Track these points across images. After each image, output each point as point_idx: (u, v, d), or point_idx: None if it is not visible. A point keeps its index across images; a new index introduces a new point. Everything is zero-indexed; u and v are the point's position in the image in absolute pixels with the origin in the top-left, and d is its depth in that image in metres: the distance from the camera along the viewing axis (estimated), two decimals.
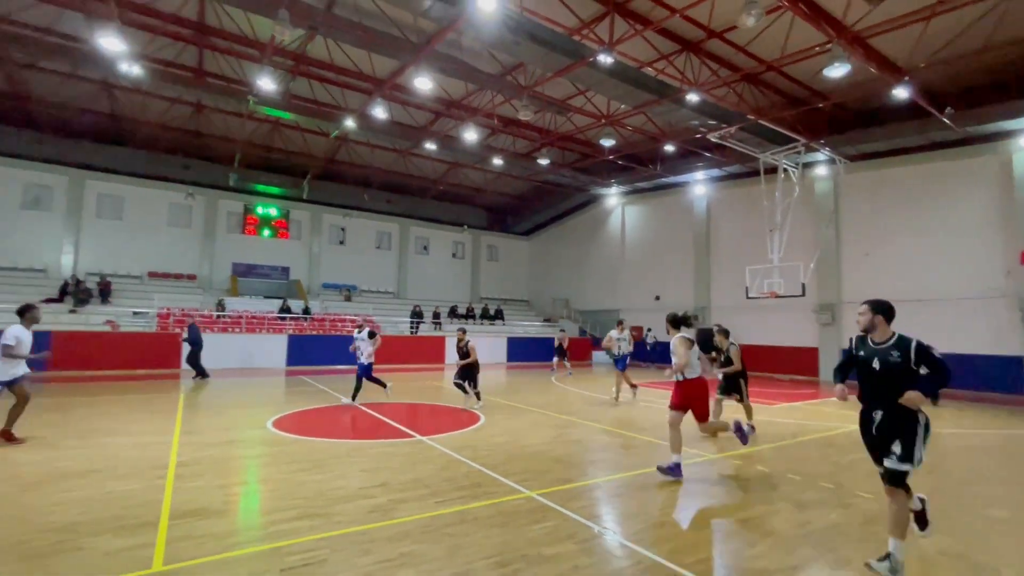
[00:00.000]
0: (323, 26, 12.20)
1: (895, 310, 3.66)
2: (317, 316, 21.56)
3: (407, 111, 18.83)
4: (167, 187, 22.18)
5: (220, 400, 10.91)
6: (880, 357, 3.57)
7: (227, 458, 6.28)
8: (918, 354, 3.45)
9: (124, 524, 4.12)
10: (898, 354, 3.49)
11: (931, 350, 3.44)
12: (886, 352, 3.55)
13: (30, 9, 13.44)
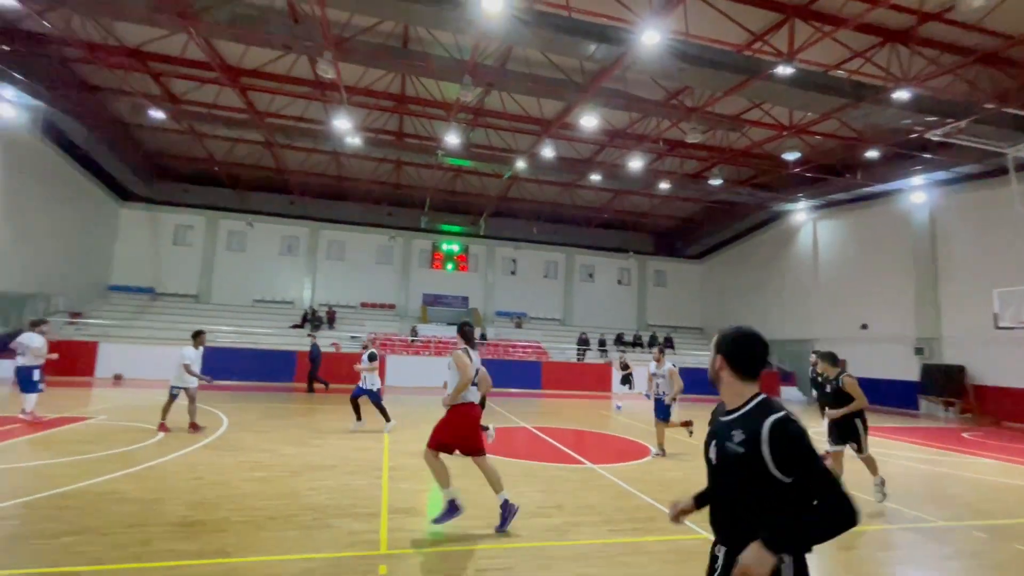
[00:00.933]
0: (498, 82, 13.66)
1: (759, 350, 1.89)
2: (491, 342, 23.34)
3: (572, 146, 19.71)
4: (375, 232, 26.61)
5: (418, 414, 12.53)
6: (719, 440, 1.85)
7: (425, 467, 7.24)
8: (774, 443, 1.66)
9: (358, 512, 5.10)
10: (742, 437, 1.74)
11: (801, 439, 1.64)
12: (726, 432, 1.82)
13: (289, 105, 17.74)
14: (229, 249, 25.06)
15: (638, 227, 30.19)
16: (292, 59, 14.97)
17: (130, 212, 23.76)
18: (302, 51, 12.99)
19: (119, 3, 11.46)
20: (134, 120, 19.03)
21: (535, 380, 20.92)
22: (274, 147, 21.53)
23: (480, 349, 22.19)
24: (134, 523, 4.50)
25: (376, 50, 12.82)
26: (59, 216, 19.44)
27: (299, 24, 12.69)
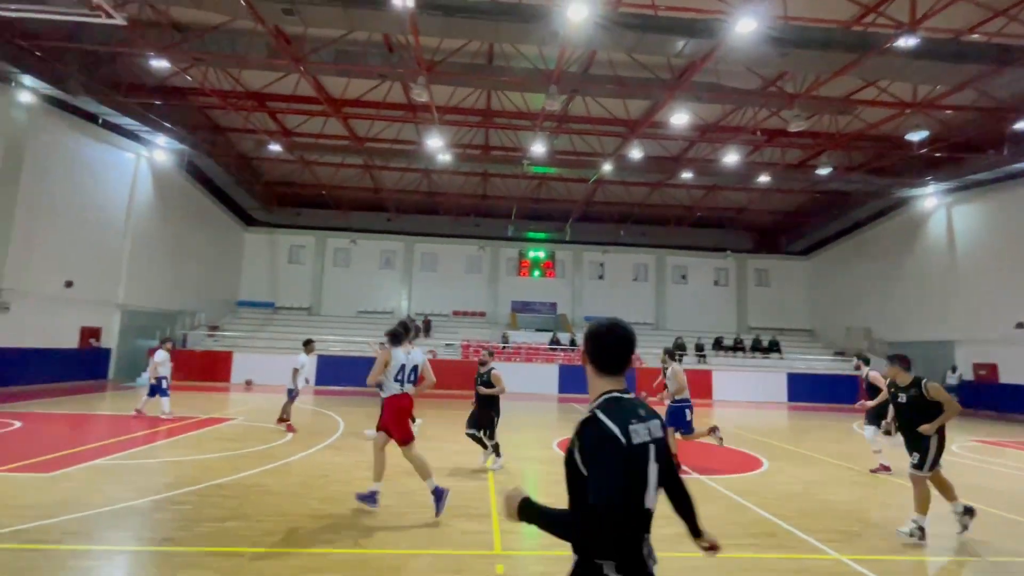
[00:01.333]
0: (583, 88, 13.68)
1: (611, 344, 1.78)
2: (581, 348, 23.17)
3: (660, 145, 19.14)
4: (464, 243, 27.60)
5: (512, 420, 12.75)
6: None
7: (528, 471, 7.41)
8: (579, 440, 1.61)
9: (469, 513, 5.34)
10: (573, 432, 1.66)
11: (592, 441, 1.57)
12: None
13: (385, 129, 19.04)
14: (335, 265, 27.31)
15: (735, 224, 28.50)
16: (387, 86, 16.08)
17: (253, 236, 26.80)
18: (397, 78, 13.93)
19: (245, 55, 13.06)
20: (255, 154, 21.47)
21: (629, 387, 20.41)
22: (372, 169, 23.18)
23: (570, 355, 22.05)
24: (280, 513, 5.08)
25: (465, 70, 13.41)
26: (198, 242, 22.43)
27: (393, 53, 13.64)
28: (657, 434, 1.71)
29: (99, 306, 17.12)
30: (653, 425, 1.71)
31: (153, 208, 19.46)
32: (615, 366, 1.80)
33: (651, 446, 1.66)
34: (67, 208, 15.72)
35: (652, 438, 1.68)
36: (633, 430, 1.62)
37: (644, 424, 1.67)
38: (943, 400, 4.96)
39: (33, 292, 14.51)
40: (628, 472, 1.58)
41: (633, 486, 1.61)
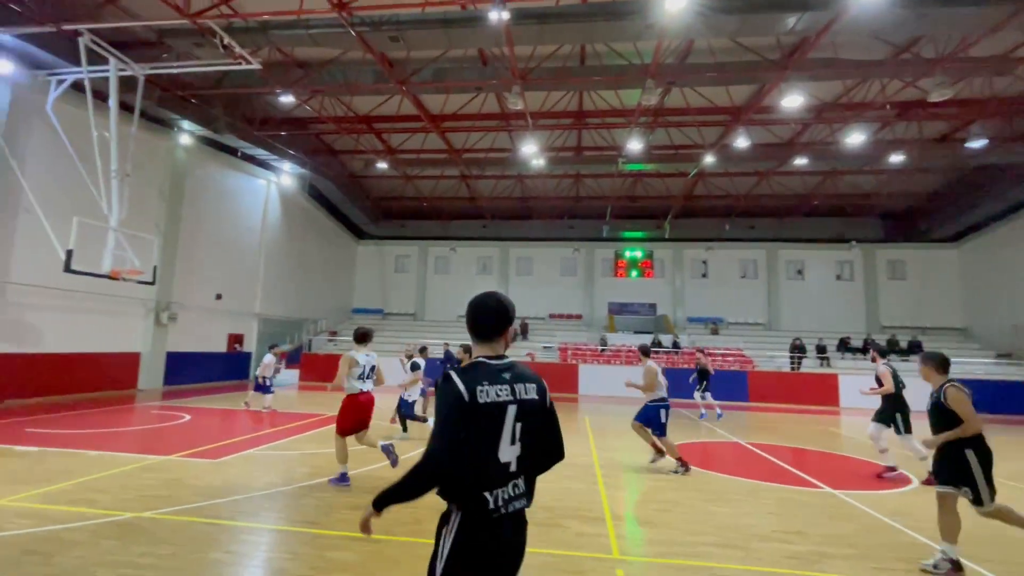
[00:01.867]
0: (680, 79, 13.11)
1: (477, 315, 2.02)
2: (686, 350, 22.12)
3: (769, 130, 17.76)
4: (559, 245, 27.64)
5: (619, 424, 12.52)
6: None
7: (638, 477, 7.21)
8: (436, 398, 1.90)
9: (583, 515, 5.33)
10: None
11: (437, 392, 1.85)
12: None
13: (480, 140, 19.69)
14: (437, 272, 28.73)
15: (860, 211, 25.52)
16: (482, 98, 16.64)
17: (364, 248, 29.08)
18: (492, 89, 14.35)
19: (355, 82, 14.25)
20: (364, 172, 23.29)
21: (740, 392, 19.11)
22: (468, 179, 24.09)
23: (673, 358, 21.15)
24: (405, 504, 5.43)
25: (557, 73, 13.47)
26: (318, 256, 24.82)
27: (488, 66, 14.09)
28: (524, 396, 1.90)
29: (241, 315, 19.59)
30: (521, 387, 1.91)
31: (281, 227, 21.90)
32: (486, 334, 2.00)
33: (510, 406, 1.86)
34: (215, 231, 18.23)
35: (515, 399, 1.88)
36: (482, 390, 1.82)
37: (504, 386, 1.87)
38: (960, 412, 4.16)
39: (193, 304, 16.98)
40: (470, 427, 1.78)
41: (479, 440, 1.80)
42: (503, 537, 1.84)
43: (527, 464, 1.91)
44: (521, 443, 1.88)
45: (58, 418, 10.01)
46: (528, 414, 1.90)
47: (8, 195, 11.53)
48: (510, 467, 1.86)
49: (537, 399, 1.96)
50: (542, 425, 1.98)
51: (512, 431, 1.85)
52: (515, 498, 1.88)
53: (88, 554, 3.99)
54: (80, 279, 10.86)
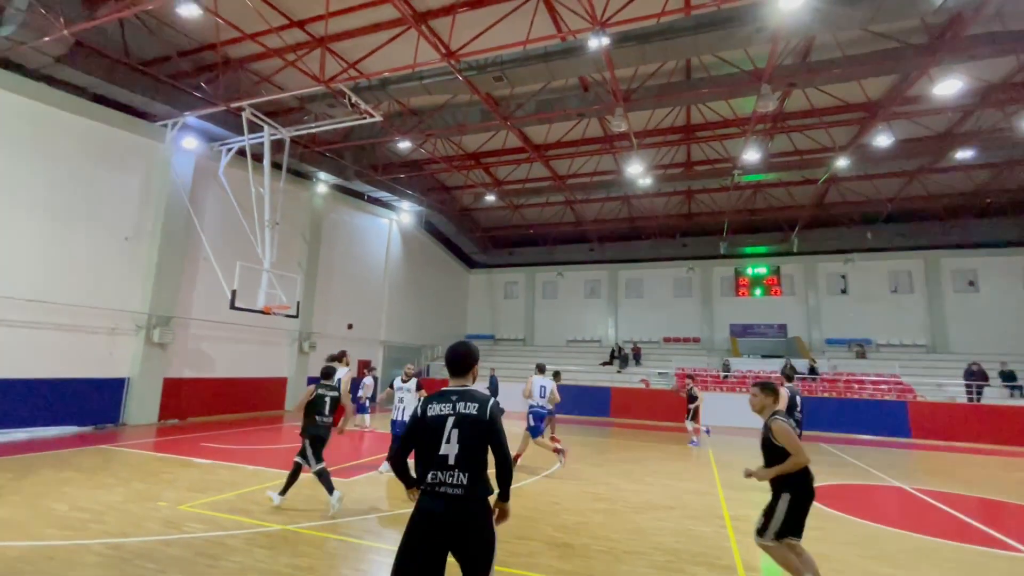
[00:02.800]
0: (802, 80, 12.02)
1: (448, 357, 3.01)
2: (826, 376, 19.61)
3: (917, 123, 15.49)
4: (671, 265, 26.41)
5: (747, 459, 11.36)
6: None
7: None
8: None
9: (711, 562, 4.85)
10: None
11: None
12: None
13: (584, 164, 19.73)
14: (544, 297, 28.97)
15: None
16: (585, 124, 16.74)
17: (474, 276, 30.36)
18: (595, 115, 14.36)
19: (464, 123, 15.16)
20: (474, 205, 24.48)
21: (899, 426, 16.39)
22: (573, 204, 24.18)
23: (810, 384, 18.91)
24: (520, 536, 5.39)
25: (662, 91, 13.11)
26: (434, 286, 26.39)
27: (589, 92, 14.17)
28: (464, 411, 2.74)
29: (369, 343, 21.37)
30: (462, 405, 2.75)
31: (401, 261, 23.73)
32: (452, 371, 2.94)
33: (449, 417, 2.72)
34: (346, 267, 20.26)
35: (454, 412, 2.73)
36: (431, 407, 2.77)
37: (448, 404, 2.76)
38: (787, 446, 3.99)
39: (329, 334, 18.92)
40: (418, 430, 2.77)
41: (424, 439, 2.73)
42: (436, 509, 2.62)
43: (464, 460, 2.68)
44: (458, 443, 2.69)
45: (225, 434, 11.63)
46: (464, 423, 2.72)
47: (192, 247, 13.94)
48: (448, 459, 2.68)
49: (475, 414, 2.75)
50: (482, 432, 2.74)
51: (447, 434, 2.71)
52: (450, 484, 2.65)
53: (245, 560, 4.50)
54: (241, 314, 12.66)
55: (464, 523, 2.60)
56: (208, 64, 13.09)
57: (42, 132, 11.23)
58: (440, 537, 2.58)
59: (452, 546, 2.58)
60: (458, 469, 2.65)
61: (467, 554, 2.59)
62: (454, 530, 2.58)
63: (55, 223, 11.34)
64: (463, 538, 2.59)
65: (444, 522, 2.59)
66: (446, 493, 2.63)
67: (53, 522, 5.34)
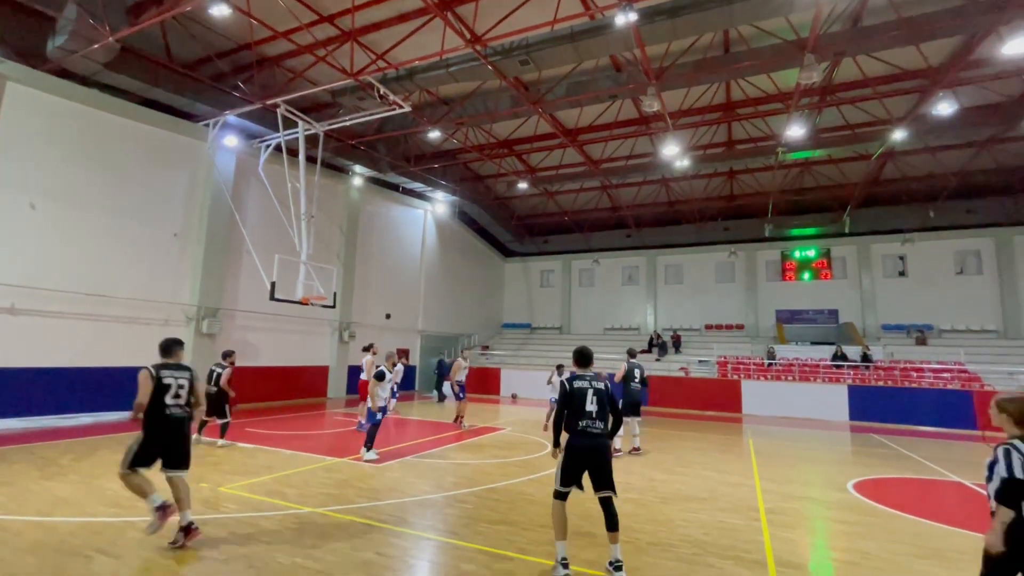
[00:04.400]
0: (851, 47, 11.19)
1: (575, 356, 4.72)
2: (880, 364, 18.50)
3: (984, 89, 14.19)
4: (712, 250, 25.47)
5: (789, 450, 10.90)
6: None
7: (813, 516, 6.10)
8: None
9: (740, 556, 4.65)
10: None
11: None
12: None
13: (619, 148, 19.22)
14: (581, 285, 28.62)
15: None
16: (618, 105, 16.25)
17: (510, 265, 30.33)
18: (628, 95, 13.90)
19: (494, 110, 15.03)
20: (508, 194, 24.36)
21: (963, 417, 15.28)
22: (609, 188, 23.67)
23: (863, 374, 17.94)
24: (544, 524, 5.34)
25: (698, 67, 12.54)
26: (469, 275, 26.54)
27: (621, 72, 13.73)
28: (596, 385, 4.39)
29: (407, 332, 21.78)
30: (595, 381, 4.41)
31: (436, 251, 23.97)
32: (579, 364, 4.57)
33: (589, 388, 4.35)
34: (383, 258, 20.65)
35: (591, 386, 4.36)
36: (575, 383, 4.37)
37: (586, 380, 4.39)
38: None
39: (367, 324, 19.39)
40: (569, 397, 4.35)
41: (573, 403, 4.32)
42: (585, 442, 4.29)
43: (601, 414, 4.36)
44: (596, 404, 4.33)
45: (268, 420, 12.15)
46: (598, 392, 4.36)
47: (235, 241, 14.54)
48: (592, 413, 4.32)
49: (600, 386, 4.40)
50: (609, 400, 4.42)
51: (590, 399, 4.32)
52: (589, 426, 4.30)
53: (273, 541, 4.66)
54: (284, 305, 13.13)
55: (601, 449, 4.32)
56: (245, 64, 13.51)
57: (96, 136, 11.93)
58: (595, 464, 4.27)
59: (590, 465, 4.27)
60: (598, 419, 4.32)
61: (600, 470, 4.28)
62: (600, 454, 4.29)
63: (110, 222, 12.07)
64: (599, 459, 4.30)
65: (595, 451, 4.27)
66: (592, 432, 4.27)
67: (104, 500, 5.70)
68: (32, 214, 10.78)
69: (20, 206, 10.63)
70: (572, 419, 4.28)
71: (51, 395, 10.88)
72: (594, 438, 4.23)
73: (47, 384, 10.83)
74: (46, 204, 11.01)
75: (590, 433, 4.22)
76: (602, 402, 4.31)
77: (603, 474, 4.20)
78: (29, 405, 10.55)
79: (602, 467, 4.22)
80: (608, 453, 4.32)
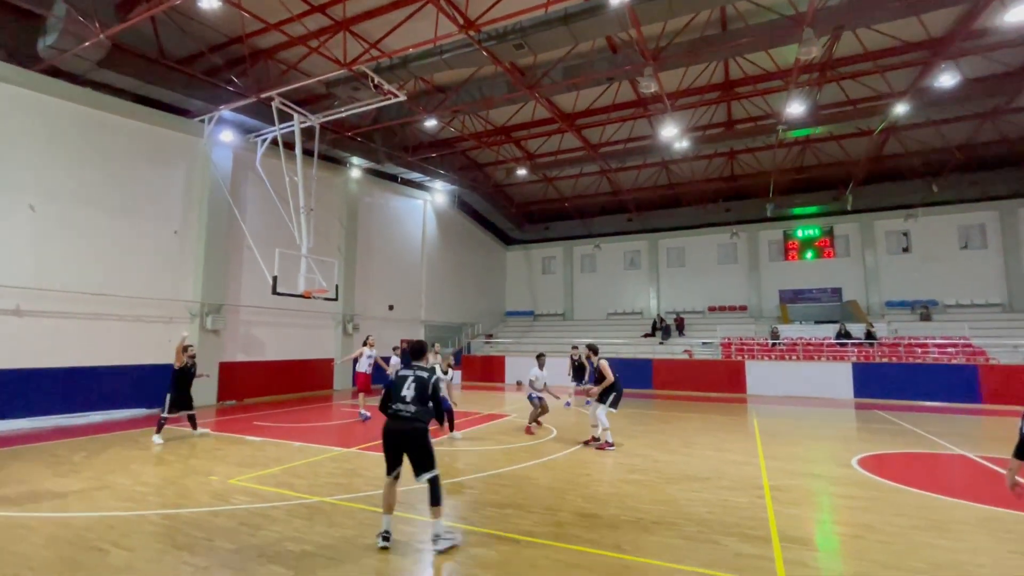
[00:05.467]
0: (851, 20, 11.01)
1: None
2: (885, 340, 18.48)
3: (988, 59, 13.96)
4: (714, 231, 25.35)
5: (794, 429, 10.95)
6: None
7: (817, 492, 6.15)
8: None
9: (744, 533, 4.70)
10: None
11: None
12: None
13: (618, 131, 19.06)
14: (583, 271, 28.59)
15: None
16: (615, 88, 16.09)
17: (511, 253, 30.29)
18: (624, 77, 13.76)
19: (490, 96, 14.89)
20: (507, 181, 24.25)
21: (968, 390, 15.30)
22: (608, 173, 23.52)
23: (867, 351, 17.94)
24: (548, 506, 5.41)
25: (694, 46, 12.37)
26: (471, 264, 26.53)
27: (617, 53, 13.56)
28: (420, 374, 4.59)
29: (410, 323, 21.85)
30: (419, 371, 4.61)
31: (437, 241, 23.94)
32: (413, 356, 4.83)
33: (410, 376, 4.55)
34: (384, 250, 20.65)
35: (414, 374, 4.57)
36: (400, 372, 4.67)
37: (411, 370, 4.62)
38: None
39: (371, 315, 19.46)
40: (392, 383, 4.59)
41: (394, 389, 4.54)
42: (395, 425, 4.51)
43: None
44: (410, 391, 4.51)
45: (276, 414, 12.27)
46: (416, 380, 4.55)
47: (235, 236, 14.56)
48: (406, 398, 4.48)
49: (421, 375, 4.58)
50: (431, 389, 4.55)
51: (408, 386, 4.53)
52: (405, 409, 4.47)
53: (283, 530, 4.74)
54: (287, 299, 13.18)
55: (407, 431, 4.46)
56: (238, 57, 13.40)
57: (92, 135, 11.90)
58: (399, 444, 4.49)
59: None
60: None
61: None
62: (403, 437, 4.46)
63: (110, 221, 12.09)
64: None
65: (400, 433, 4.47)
66: (402, 415, 4.46)
67: (118, 495, 5.80)
68: (32, 215, 10.81)
69: (20, 208, 10.66)
70: (387, 403, 4.50)
71: (60, 394, 10.99)
72: (405, 421, 4.37)
73: (56, 384, 10.94)
74: (45, 205, 11.02)
75: (401, 416, 4.39)
76: (420, 389, 4.45)
77: (418, 457, 4.37)
78: (39, 405, 10.68)
79: (416, 450, 4.37)
80: (423, 437, 4.39)
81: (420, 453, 4.38)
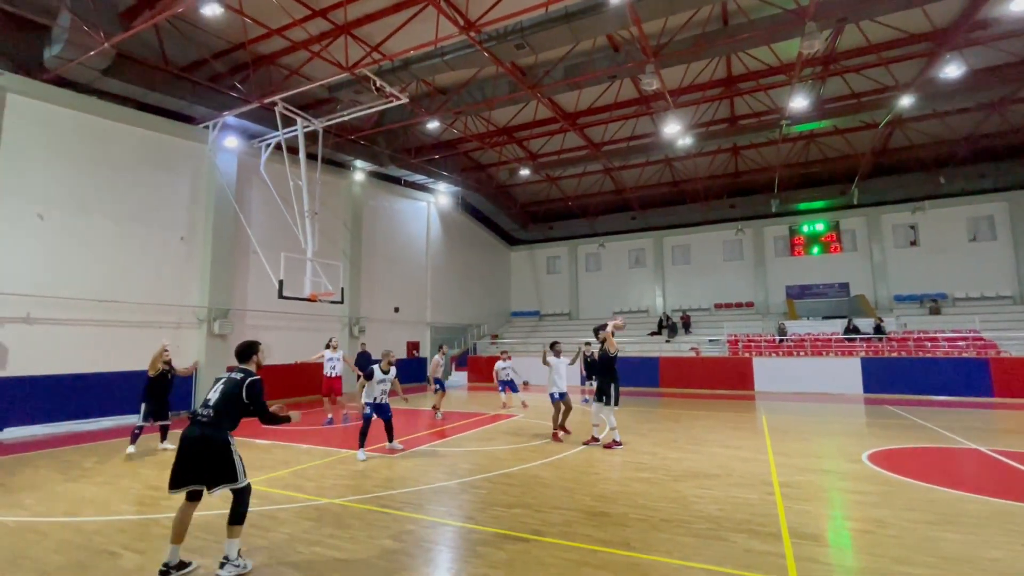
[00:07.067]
0: (854, 12, 10.93)
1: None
2: (894, 335, 18.33)
3: (995, 49, 13.82)
4: (719, 228, 25.26)
5: (803, 425, 10.87)
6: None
7: (828, 487, 6.10)
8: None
9: (754, 529, 4.67)
10: None
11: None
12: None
13: (620, 129, 19.01)
14: (588, 270, 28.54)
15: None
16: (617, 86, 16.07)
17: (516, 253, 30.28)
18: (626, 74, 13.73)
19: (492, 97, 14.88)
20: (510, 181, 24.25)
21: (979, 384, 15.14)
22: (612, 171, 23.48)
23: (876, 345, 17.80)
24: (557, 505, 5.40)
25: (696, 42, 12.33)
26: (476, 265, 26.55)
27: (619, 51, 13.54)
28: (234, 376, 4.19)
29: (416, 325, 21.89)
30: (235, 374, 4.21)
31: (442, 242, 23.98)
32: (238, 359, 4.43)
33: (221, 380, 4.19)
34: (388, 252, 20.70)
35: (226, 377, 4.21)
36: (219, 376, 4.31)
37: (227, 374, 4.22)
38: None
39: (377, 318, 19.51)
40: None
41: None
42: (192, 431, 4.00)
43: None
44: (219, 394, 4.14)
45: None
46: (226, 383, 4.16)
47: (241, 241, 14.65)
48: (209, 402, 4.08)
49: (238, 378, 4.17)
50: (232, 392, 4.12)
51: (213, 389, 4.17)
52: (203, 414, 4.02)
53: (293, 532, 4.76)
54: (294, 303, 13.24)
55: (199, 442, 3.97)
56: (240, 63, 13.49)
57: (98, 143, 12.01)
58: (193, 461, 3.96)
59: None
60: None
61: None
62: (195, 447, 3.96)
63: (118, 228, 12.19)
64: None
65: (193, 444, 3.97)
66: (200, 420, 4.00)
67: (129, 499, 5.84)
68: (41, 224, 10.92)
69: (29, 217, 10.77)
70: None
71: (70, 401, 11.10)
72: (202, 426, 3.92)
73: (66, 390, 11.04)
74: (53, 213, 11.14)
75: (199, 421, 3.95)
76: (226, 394, 4.02)
77: (213, 468, 3.86)
78: (50, 411, 10.78)
79: (210, 460, 3.87)
80: (222, 448, 3.93)
81: (216, 462, 3.86)
